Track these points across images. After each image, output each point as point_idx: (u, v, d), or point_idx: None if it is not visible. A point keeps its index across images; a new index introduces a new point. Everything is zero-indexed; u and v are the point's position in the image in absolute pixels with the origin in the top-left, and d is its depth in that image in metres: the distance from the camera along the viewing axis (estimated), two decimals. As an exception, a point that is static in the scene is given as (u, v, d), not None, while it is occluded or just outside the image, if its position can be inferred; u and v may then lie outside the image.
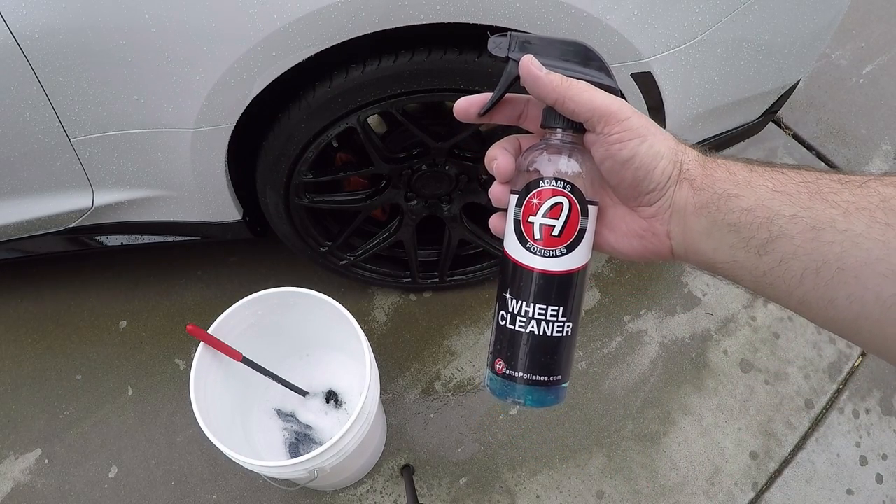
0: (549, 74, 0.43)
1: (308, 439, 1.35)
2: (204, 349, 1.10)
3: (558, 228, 0.43)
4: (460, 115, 0.48)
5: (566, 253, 0.43)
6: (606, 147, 0.43)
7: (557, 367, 0.45)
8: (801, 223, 0.37)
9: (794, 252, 0.37)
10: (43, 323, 1.67)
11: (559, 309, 0.44)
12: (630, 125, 0.42)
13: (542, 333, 0.44)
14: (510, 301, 0.45)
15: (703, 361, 1.58)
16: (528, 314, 0.44)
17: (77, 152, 1.09)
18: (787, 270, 0.38)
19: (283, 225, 1.34)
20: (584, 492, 1.41)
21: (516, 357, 0.44)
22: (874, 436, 1.49)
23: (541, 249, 0.43)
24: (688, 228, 0.43)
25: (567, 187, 0.43)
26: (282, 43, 0.92)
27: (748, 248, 0.40)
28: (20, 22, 0.89)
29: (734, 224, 0.40)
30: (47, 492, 1.44)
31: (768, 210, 0.39)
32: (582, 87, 0.43)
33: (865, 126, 2.02)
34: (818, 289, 0.37)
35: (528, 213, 0.44)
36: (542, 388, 0.45)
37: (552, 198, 0.43)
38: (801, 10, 1.09)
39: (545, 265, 0.43)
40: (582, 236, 0.44)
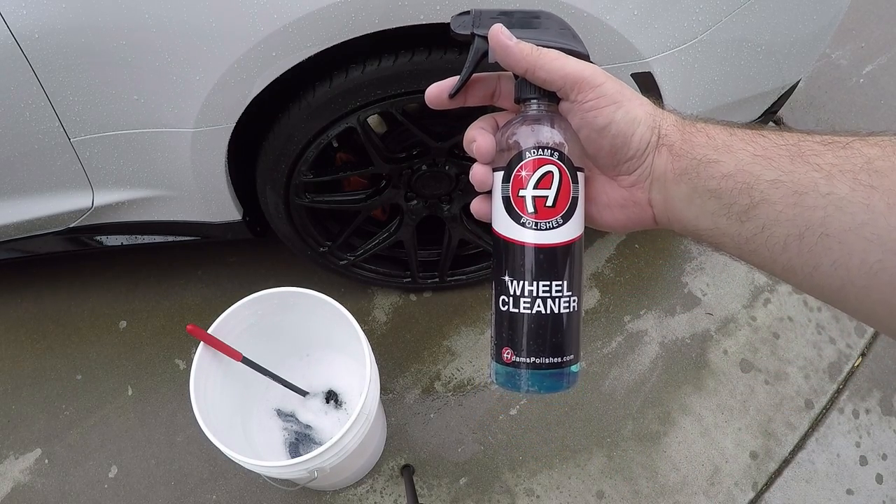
0: (520, 44, 0.42)
1: (308, 439, 1.35)
2: (204, 349, 1.10)
3: (552, 198, 0.41)
4: (432, 102, 0.47)
5: (563, 223, 0.42)
6: (582, 115, 0.42)
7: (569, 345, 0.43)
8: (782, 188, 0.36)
9: (776, 218, 0.36)
10: (43, 323, 1.67)
11: (563, 283, 0.42)
12: (604, 91, 0.41)
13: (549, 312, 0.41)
14: (510, 283, 0.42)
15: (703, 361, 1.58)
16: (531, 293, 0.42)
17: (77, 152, 1.09)
18: (770, 237, 0.37)
19: (283, 225, 1.34)
20: (584, 492, 1.41)
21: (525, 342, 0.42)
22: (874, 436, 1.49)
23: (536, 223, 0.41)
24: (668, 195, 0.42)
25: (555, 154, 0.41)
26: (282, 43, 0.92)
27: (730, 215, 0.39)
28: (20, 22, 0.89)
29: (714, 190, 0.39)
30: (47, 492, 1.44)
31: (749, 175, 0.37)
32: (552, 54, 0.41)
33: (865, 126, 2.02)
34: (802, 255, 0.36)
35: (518, 188, 0.42)
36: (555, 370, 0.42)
37: (541, 167, 0.41)
38: (801, 10, 1.09)
39: (543, 238, 0.41)
40: (576, 204, 0.42)
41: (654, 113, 0.42)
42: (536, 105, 0.44)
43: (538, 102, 0.44)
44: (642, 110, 0.42)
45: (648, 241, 1.76)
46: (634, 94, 0.42)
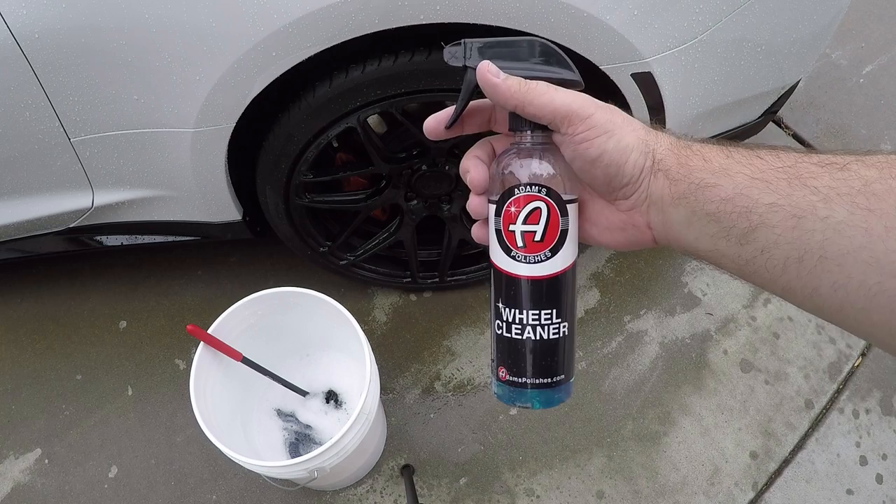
0: (507, 80, 0.42)
1: (308, 439, 1.35)
2: (204, 349, 1.10)
3: (539, 234, 0.43)
4: (430, 134, 0.48)
5: (551, 256, 0.43)
6: (573, 147, 0.42)
7: (559, 367, 0.45)
8: (781, 212, 0.36)
9: (775, 241, 0.37)
10: (43, 323, 1.67)
11: (552, 311, 0.44)
12: (594, 122, 0.41)
13: (538, 338, 0.44)
14: (503, 310, 0.45)
15: (703, 361, 1.58)
16: (522, 321, 0.44)
17: (77, 152, 1.09)
18: (770, 259, 0.37)
19: (283, 225, 1.34)
20: (584, 492, 1.41)
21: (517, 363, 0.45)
22: (874, 436, 1.49)
23: (525, 256, 0.43)
24: (667, 219, 0.42)
25: (542, 191, 0.42)
26: (282, 43, 0.93)
27: (729, 238, 0.39)
28: (20, 22, 0.89)
29: (713, 214, 0.39)
30: (47, 492, 1.44)
31: (747, 199, 0.38)
32: (540, 88, 0.42)
33: (865, 126, 2.02)
34: (801, 277, 0.36)
35: (508, 222, 0.43)
36: (547, 389, 0.45)
37: (529, 204, 0.42)
38: (801, 10, 1.09)
39: (532, 271, 0.43)
40: (565, 237, 0.43)
41: (647, 138, 0.42)
42: (530, 136, 0.44)
43: (531, 134, 0.44)
44: (634, 136, 0.42)
45: (648, 241, 1.76)
46: (626, 121, 0.42)
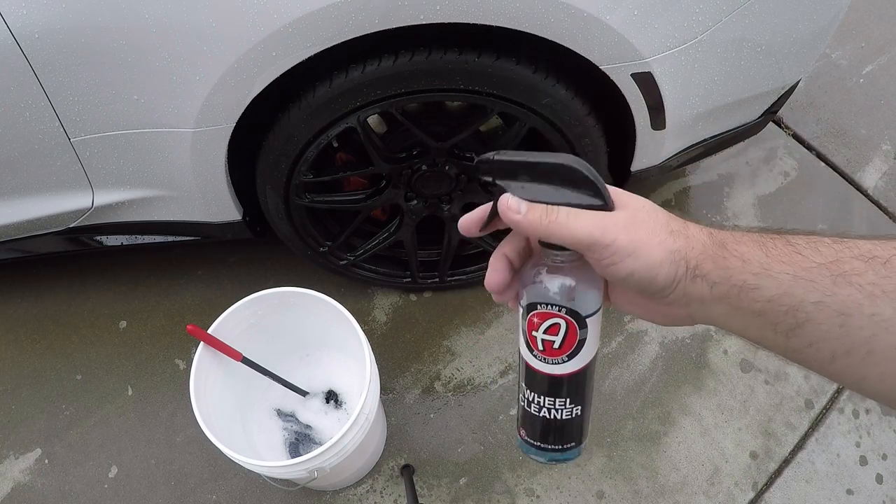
0: (528, 214, 0.43)
1: (308, 439, 1.35)
2: (204, 349, 1.10)
3: (558, 343, 0.46)
4: (465, 232, 0.49)
5: (568, 360, 0.46)
6: (602, 269, 0.43)
7: (571, 437, 0.50)
8: (826, 310, 0.37)
9: (822, 336, 0.38)
10: (43, 323, 1.67)
11: (567, 400, 0.48)
12: (616, 247, 0.41)
13: (552, 418, 0.49)
14: (525, 389, 0.49)
15: (703, 361, 1.58)
16: (540, 403, 0.48)
17: (77, 152, 1.09)
18: (818, 351, 0.38)
19: (283, 225, 1.34)
20: (584, 492, 1.41)
21: (534, 431, 0.50)
22: (874, 436, 1.49)
23: (545, 358, 0.47)
24: (710, 312, 0.43)
25: (563, 310, 0.45)
26: (282, 43, 0.93)
27: (776, 331, 0.40)
28: (20, 22, 0.89)
29: (759, 311, 0.40)
30: (47, 492, 1.44)
31: (792, 298, 0.38)
32: (561, 220, 0.42)
33: (865, 126, 2.02)
34: (849, 368, 0.38)
35: (531, 329, 0.46)
36: (560, 453, 0.50)
37: (549, 319, 0.45)
38: (801, 10, 1.09)
39: (550, 370, 0.47)
40: (582, 345, 0.46)
41: (677, 247, 0.42)
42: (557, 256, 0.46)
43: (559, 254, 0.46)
44: (661, 250, 0.41)
45: (648, 241, 1.76)
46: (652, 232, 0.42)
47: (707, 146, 1.36)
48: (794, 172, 1.91)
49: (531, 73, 1.05)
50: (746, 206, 1.84)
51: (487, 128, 1.37)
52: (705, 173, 1.91)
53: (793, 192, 1.87)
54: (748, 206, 1.84)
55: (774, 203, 1.85)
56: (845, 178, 1.91)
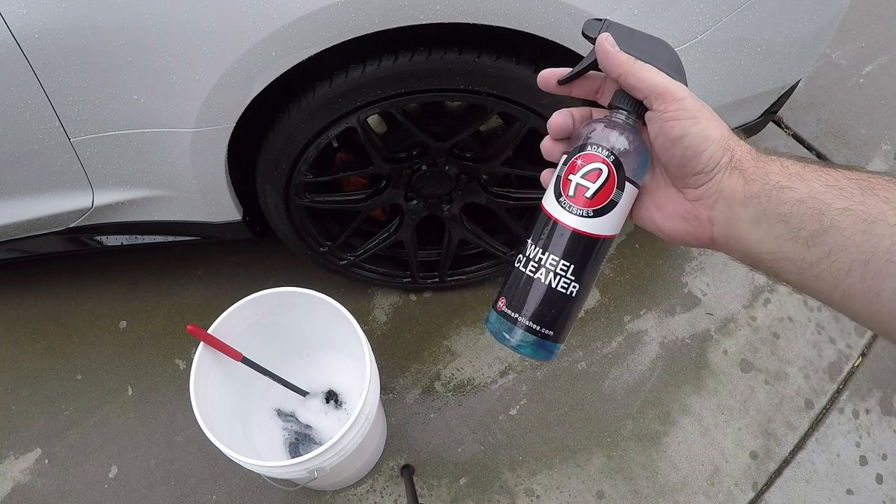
0: (619, 52, 0.46)
1: (308, 439, 1.35)
2: (204, 349, 1.10)
3: (591, 191, 0.46)
4: (542, 84, 0.52)
5: (592, 216, 0.46)
6: (660, 123, 0.45)
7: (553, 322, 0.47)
8: (852, 216, 0.38)
9: (843, 244, 0.38)
10: (43, 323, 1.67)
11: (570, 266, 0.46)
12: (685, 105, 0.44)
13: (547, 283, 0.46)
14: (530, 246, 0.47)
15: (703, 361, 1.58)
16: (540, 261, 0.46)
17: (77, 152, 1.09)
18: (836, 262, 0.39)
19: (283, 225, 1.34)
20: (584, 492, 1.41)
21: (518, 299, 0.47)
22: (874, 436, 1.49)
23: (570, 206, 0.46)
24: (733, 216, 0.44)
25: (610, 157, 0.46)
26: (282, 43, 0.93)
27: (796, 239, 0.40)
28: (20, 22, 0.89)
29: (784, 215, 0.41)
30: (47, 492, 1.44)
31: (820, 202, 0.39)
32: (646, 67, 0.46)
33: (865, 126, 2.02)
34: (865, 281, 0.38)
35: (570, 172, 0.47)
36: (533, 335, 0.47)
37: (593, 163, 0.46)
38: (801, 10, 1.09)
39: (569, 221, 0.46)
40: (612, 207, 0.46)
41: (730, 138, 0.45)
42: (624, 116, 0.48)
43: (626, 114, 0.48)
44: (717, 131, 0.44)
45: (648, 241, 1.76)
46: (713, 116, 0.45)
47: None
48: (794, 172, 1.91)
49: (531, 73, 1.05)
50: (746, 206, 1.84)
51: (487, 128, 1.37)
52: (705, 173, 1.90)
53: (793, 192, 1.87)
54: (748, 206, 1.84)
55: (774, 203, 1.84)
56: (845, 178, 1.91)
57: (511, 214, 1.42)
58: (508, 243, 1.52)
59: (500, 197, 1.36)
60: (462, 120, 1.24)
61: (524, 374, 1.56)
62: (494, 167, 1.28)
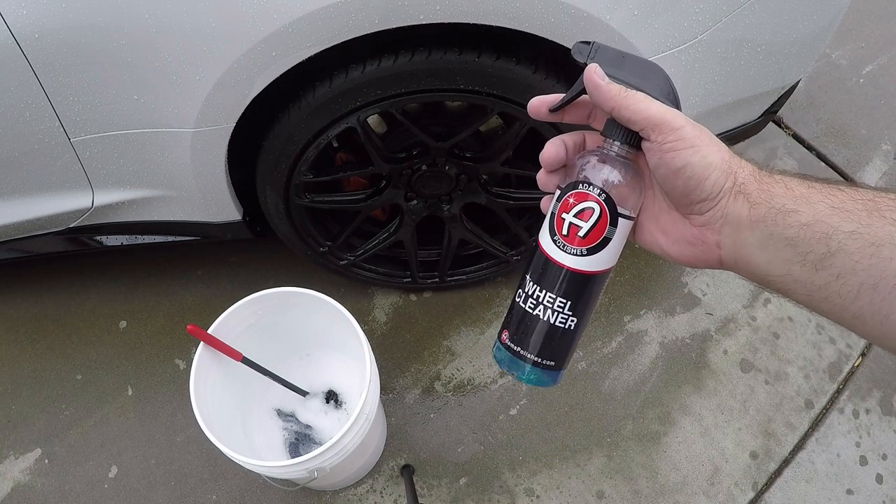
0: (610, 84, 0.45)
1: (308, 439, 1.35)
2: (204, 349, 1.10)
3: (584, 231, 0.45)
4: (532, 112, 0.50)
5: (586, 255, 0.46)
6: (660, 155, 0.44)
7: (555, 354, 0.48)
8: (860, 239, 0.38)
9: (852, 267, 0.38)
10: (43, 323, 1.67)
11: (567, 303, 0.46)
12: (683, 134, 0.43)
13: (546, 320, 0.47)
14: (528, 282, 0.48)
15: (703, 361, 1.58)
16: (538, 298, 0.47)
17: (77, 152, 1.09)
18: (844, 285, 0.39)
19: (283, 225, 1.34)
20: (584, 492, 1.41)
21: (520, 333, 0.48)
22: (874, 436, 1.49)
23: (564, 245, 0.46)
24: (740, 240, 0.44)
25: (602, 196, 0.45)
26: (282, 43, 0.93)
27: (804, 263, 0.40)
28: (20, 22, 0.89)
29: (791, 238, 0.40)
30: (47, 492, 1.44)
31: (827, 226, 0.39)
32: (639, 97, 0.44)
33: (865, 126, 2.02)
34: (874, 303, 0.38)
35: (563, 210, 0.46)
36: (537, 368, 0.48)
37: (585, 202, 0.45)
38: (801, 10, 1.09)
39: (564, 260, 0.46)
40: (606, 244, 0.46)
41: (731, 161, 0.44)
42: (617, 147, 0.47)
43: (619, 145, 0.47)
44: (718, 156, 0.43)
45: (648, 241, 1.76)
46: (713, 140, 0.44)
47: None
48: (794, 172, 1.91)
49: (531, 73, 1.05)
50: (746, 206, 1.84)
51: (487, 128, 1.37)
52: (705, 173, 1.91)
53: (793, 192, 1.87)
54: (748, 206, 1.84)
55: (774, 203, 1.84)
56: (845, 178, 1.91)
57: (511, 214, 1.42)
58: (508, 243, 1.52)
59: (500, 197, 1.36)
60: (462, 120, 1.24)
61: (524, 374, 1.56)
62: (494, 167, 1.28)
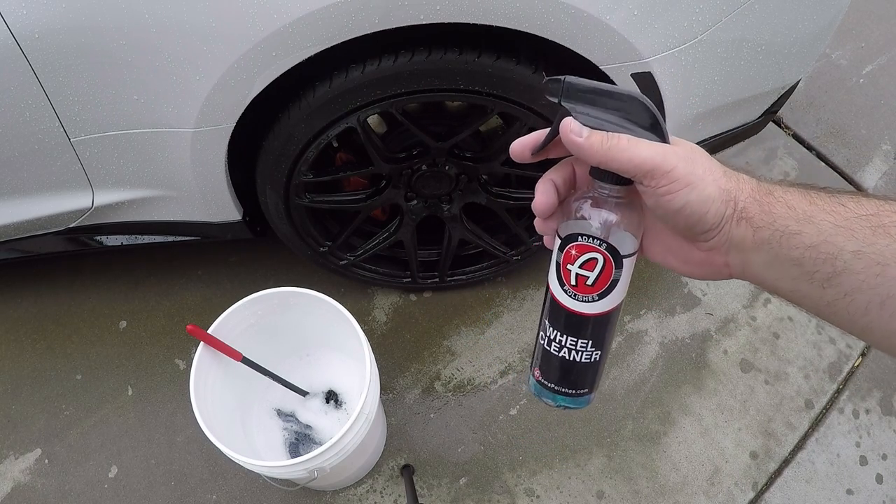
0: (590, 137, 0.43)
1: (308, 439, 1.35)
2: (204, 349, 1.10)
3: (592, 279, 0.46)
4: (515, 156, 0.49)
5: (598, 300, 0.46)
6: (656, 199, 0.43)
7: (585, 384, 0.50)
8: (865, 259, 0.38)
9: (858, 286, 0.38)
10: (43, 323, 1.67)
11: (589, 342, 0.48)
12: (675, 176, 0.42)
13: (571, 359, 0.48)
14: (548, 327, 0.49)
15: (703, 361, 1.58)
16: (561, 343, 0.48)
17: (77, 152, 1.09)
18: (852, 302, 0.39)
19: (283, 225, 1.34)
20: (584, 492, 1.41)
21: (550, 372, 0.50)
22: (874, 436, 1.49)
23: (575, 294, 0.46)
24: (747, 260, 0.43)
25: (602, 245, 0.45)
26: (282, 43, 0.93)
27: (812, 281, 0.40)
28: (20, 22, 0.89)
29: (797, 259, 0.40)
30: (47, 492, 1.44)
31: (831, 246, 0.39)
32: (622, 143, 0.42)
33: (865, 126, 2.02)
34: (882, 319, 0.38)
35: (567, 262, 0.46)
36: (569, 397, 0.51)
37: (587, 253, 0.45)
38: (801, 10, 1.09)
39: (577, 307, 0.47)
40: (615, 285, 0.46)
41: (728, 186, 0.43)
42: (605, 190, 0.46)
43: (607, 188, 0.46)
44: (715, 187, 0.42)
45: (648, 241, 1.76)
46: (707, 170, 0.43)
47: (707, 146, 1.37)
48: (794, 172, 1.91)
49: (531, 73, 1.05)
50: (746, 206, 1.84)
51: (487, 128, 1.37)
52: (705, 173, 1.91)
53: (793, 192, 1.87)
54: (748, 206, 1.84)
55: (774, 203, 1.84)
56: (845, 178, 1.91)
57: (511, 214, 1.42)
58: (508, 243, 1.52)
59: (500, 197, 1.36)
60: (462, 120, 1.24)
61: (524, 374, 1.56)
62: (494, 167, 1.28)
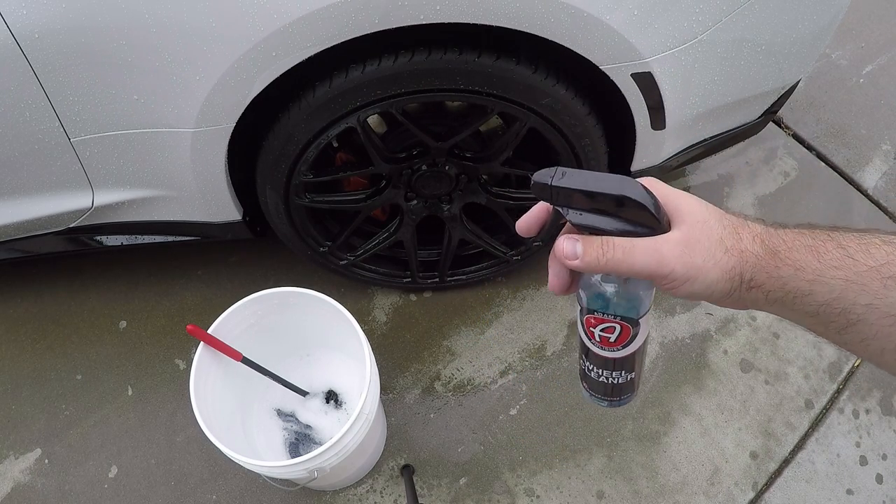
0: (585, 257, 0.44)
1: (308, 439, 1.35)
2: (204, 349, 1.10)
3: (613, 338, 0.50)
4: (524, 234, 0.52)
5: (623, 349, 0.51)
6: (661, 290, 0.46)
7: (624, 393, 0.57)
8: (877, 311, 0.40)
9: (874, 335, 0.41)
10: (43, 323, 1.67)
11: (622, 371, 0.54)
12: (675, 276, 0.43)
13: (611, 383, 0.55)
14: (585, 361, 0.55)
15: (703, 361, 1.58)
16: (599, 373, 0.54)
17: (77, 152, 1.09)
18: (867, 347, 0.41)
19: (283, 225, 1.34)
20: (584, 492, 1.41)
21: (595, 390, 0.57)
22: (874, 436, 1.49)
23: (602, 347, 0.52)
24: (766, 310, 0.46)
25: (617, 318, 0.49)
26: (282, 43, 0.93)
27: (828, 329, 0.43)
28: (20, 22, 0.89)
29: (812, 312, 0.43)
30: (47, 492, 1.44)
31: (844, 301, 0.41)
32: (618, 256, 0.43)
33: (865, 126, 2.02)
34: None
35: (589, 325, 0.51)
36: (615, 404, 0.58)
37: (604, 323, 0.50)
38: (801, 10, 1.09)
39: (609, 354, 0.52)
40: (635, 337, 0.50)
41: (732, 265, 0.44)
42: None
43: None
44: (717, 271, 0.43)
45: (648, 241, 1.76)
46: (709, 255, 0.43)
47: (707, 146, 1.36)
48: (794, 172, 1.91)
49: (531, 73, 1.05)
50: (746, 206, 1.84)
51: (487, 128, 1.37)
52: (705, 173, 1.91)
53: (793, 192, 1.87)
54: (748, 206, 1.84)
55: (774, 203, 1.85)
56: (845, 178, 1.91)
57: (511, 214, 1.42)
58: (508, 243, 1.52)
59: (500, 197, 1.36)
60: (462, 120, 1.24)
61: (524, 374, 1.56)
62: (494, 167, 1.28)
